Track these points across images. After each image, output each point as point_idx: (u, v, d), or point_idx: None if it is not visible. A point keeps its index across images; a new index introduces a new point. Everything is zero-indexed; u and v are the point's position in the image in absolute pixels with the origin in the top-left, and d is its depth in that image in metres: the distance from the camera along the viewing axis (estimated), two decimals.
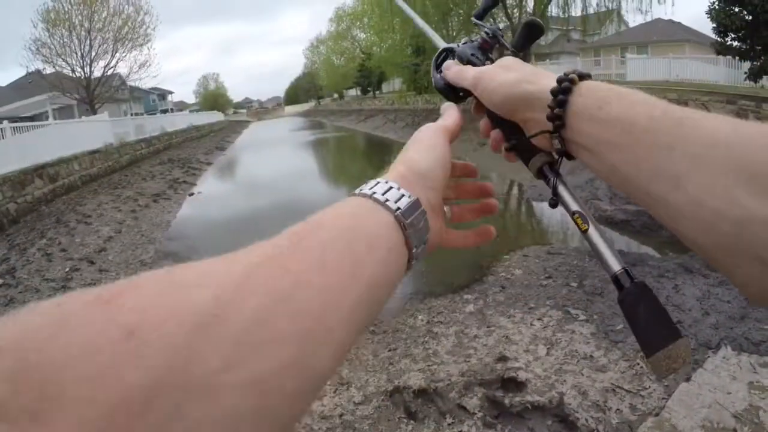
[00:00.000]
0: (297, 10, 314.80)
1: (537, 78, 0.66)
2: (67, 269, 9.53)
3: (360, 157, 28.96)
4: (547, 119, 0.62)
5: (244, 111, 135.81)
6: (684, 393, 4.09)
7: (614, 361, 4.83)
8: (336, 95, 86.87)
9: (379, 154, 29.27)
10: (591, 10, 24.65)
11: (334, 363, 0.41)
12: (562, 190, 0.73)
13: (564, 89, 0.60)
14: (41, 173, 15.12)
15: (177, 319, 0.31)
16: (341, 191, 18.32)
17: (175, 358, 0.30)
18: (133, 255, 10.84)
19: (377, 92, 59.73)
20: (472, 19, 0.88)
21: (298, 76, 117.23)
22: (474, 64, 0.80)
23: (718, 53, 17.20)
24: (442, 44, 0.88)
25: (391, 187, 0.56)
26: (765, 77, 16.04)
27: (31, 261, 9.93)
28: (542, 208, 12.57)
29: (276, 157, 31.56)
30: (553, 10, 25.49)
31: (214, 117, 66.60)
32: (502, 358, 5.08)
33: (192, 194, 18.18)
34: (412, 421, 4.45)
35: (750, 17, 15.06)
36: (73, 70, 31.81)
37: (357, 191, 0.57)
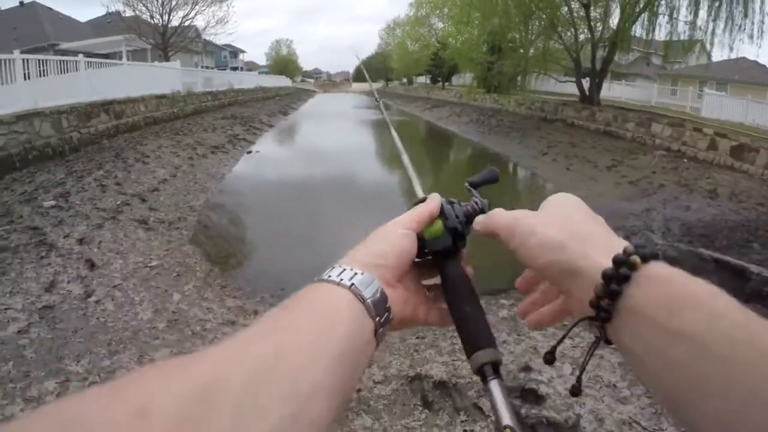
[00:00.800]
0: None
1: (586, 246, 0.56)
2: (119, 202, 9.77)
3: (418, 144, 28.73)
4: (589, 305, 0.53)
5: (312, 81, 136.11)
6: None
7: (636, 395, 4.78)
8: (405, 80, 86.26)
9: (437, 144, 29.31)
10: (675, 37, 23.75)
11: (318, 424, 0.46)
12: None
13: (620, 276, 0.49)
14: (108, 108, 15.58)
15: (182, 395, 0.38)
16: (392, 174, 18.43)
17: (183, 427, 0.36)
18: (184, 200, 11.08)
19: (447, 84, 59.06)
20: (466, 184, 0.89)
21: (371, 54, 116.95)
22: (455, 228, 0.77)
23: None
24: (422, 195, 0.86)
25: (344, 269, 0.62)
26: None
27: (86, 189, 10.19)
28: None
29: (336, 130, 31.79)
30: (638, 30, 24.58)
31: (282, 82, 66.92)
32: (527, 368, 5.08)
33: (250, 152, 18.62)
34: (426, 410, 4.49)
35: None
36: (152, 16, 32.62)
37: (316, 278, 0.63)
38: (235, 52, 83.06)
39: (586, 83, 26.45)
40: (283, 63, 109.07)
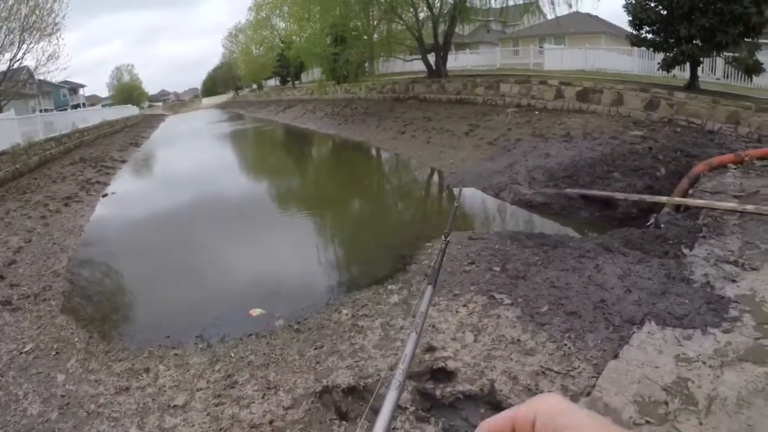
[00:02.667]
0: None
1: None
2: None
3: (278, 148, 28.86)
4: None
5: (160, 104, 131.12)
6: (613, 370, 4.23)
7: (541, 343, 4.92)
8: (255, 86, 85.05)
9: (297, 145, 29.28)
10: (511, 2, 25.05)
11: None
12: None
13: None
14: None
15: None
16: (258, 183, 18.30)
17: None
18: (45, 266, 10.17)
19: (297, 82, 58.90)
20: None
21: (216, 66, 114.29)
22: None
23: (633, 45, 17.92)
24: None
25: None
26: (677, 68, 16.84)
27: None
28: (463, 193, 12.64)
29: (192, 151, 30.93)
30: (476, 1, 25.69)
31: (129, 111, 63.74)
32: (430, 349, 5.09)
33: (106, 195, 17.47)
34: (344, 422, 4.41)
35: (665, 12, 15.76)
36: None
37: None
38: (74, 88, 78.20)
39: (432, 59, 27.09)
40: (127, 91, 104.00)
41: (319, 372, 5.07)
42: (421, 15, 26.64)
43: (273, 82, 73.76)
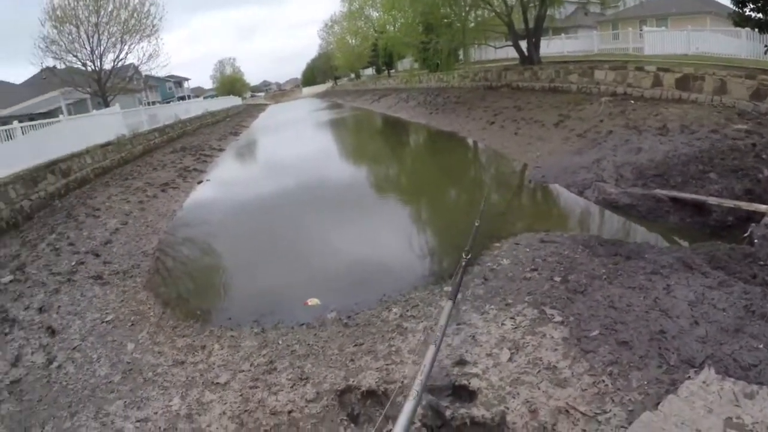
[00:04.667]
0: None
1: None
2: (73, 263, 9.68)
3: (368, 138, 28.81)
4: None
5: (262, 94, 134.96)
6: (644, 425, 3.53)
7: (578, 374, 4.39)
8: (352, 75, 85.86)
9: (389, 135, 29.17)
10: None
11: None
12: None
13: None
14: (53, 169, 15.00)
15: None
16: (344, 173, 18.25)
17: None
18: (136, 246, 10.97)
19: (392, 71, 58.80)
20: None
21: (314, 57, 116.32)
22: None
23: (736, 25, 16.36)
24: None
25: None
26: None
27: (41, 256, 10.03)
28: (543, 190, 12.04)
29: (288, 139, 31.53)
30: None
31: (231, 102, 66.16)
32: (461, 362, 4.82)
33: (201, 182, 18.22)
34: (352, 425, 4.41)
35: None
36: (84, 65, 31.46)
37: None
38: (179, 81, 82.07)
39: (524, 45, 26.14)
40: (230, 82, 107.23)
41: (350, 370, 5.12)
42: (512, 0, 25.63)
43: (369, 71, 74.64)
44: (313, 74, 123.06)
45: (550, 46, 32.78)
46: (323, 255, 9.51)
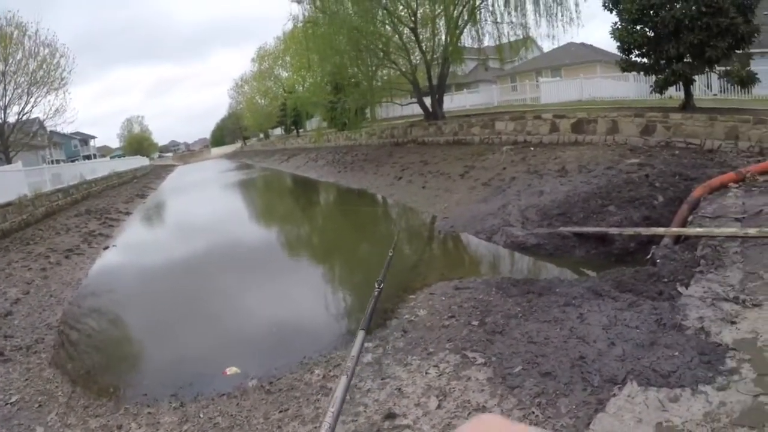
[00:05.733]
0: (226, 51, 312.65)
1: None
2: None
3: (276, 199, 28.63)
4: None
5: (170, 154, 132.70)
6: None
7: (508, 410, 4.42)
8: (261, 135, 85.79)
9: (295, 195, 29.30)
10: (504, 40, 24.86)
11: None
12: None
13: None
14: None
15: None
16: (254, 234, 18.10)
17: None
18: (40, 318, 10.26)
19: (301, 130, 59.34)
20: None
21: (224, 116, 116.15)
22: None
23: (624, 70, 17.67)
24: None
25: None
26: (672, 88, 16.61)
27: None
28: (453, 239, 12.29)
29: (197, 201, 30.86)
30: (467, 41, 25.70)
31: (138, 162, 64.35)
32: (390, 416, 4.73)
33: (107, 248, 17.33)
34: None
35: (652, 33, 15.57)
36: None
37: None
38: (85, 139, 78.65)
39: (428, 101, 27.13)
40: (137, 142, 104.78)
41: None
42: (417, 59, 26.62)
43: (278, 130, 74.49)
44: (222, 134, 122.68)
45: (454, 101, 34.09)
46: (238, 319, 9.22)
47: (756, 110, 14.11)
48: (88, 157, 65.57)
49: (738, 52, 14.91)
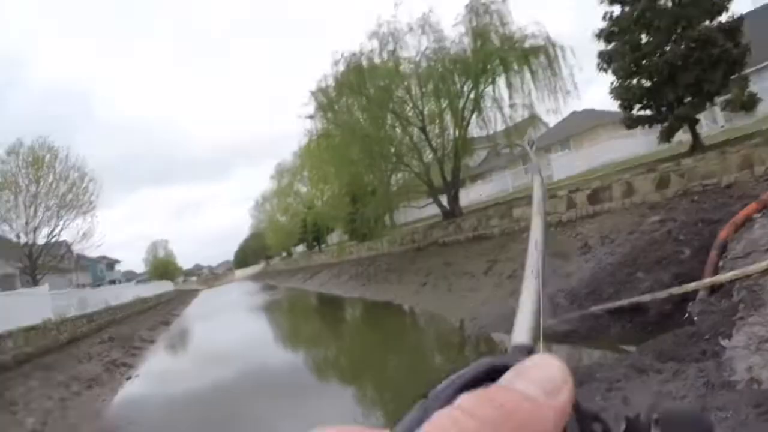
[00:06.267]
0: (247, 169, 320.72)
1: None
2: None
3: (302, 319, 28.17)
4: None
5: (195, 278, 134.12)
6: None
7: None
8: (284, 253, 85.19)
9: (324, 312, 28.96)
10: (509, 123, 25.18)
11: None
12: None
13: None
14: None
15: None
16: (290, 356, 17.82)
17: None
18: None
19: (323, 245, 59.27)
20: None
21: (246, 237, 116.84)
22: None
23: (629, 127, 18.07)
24: None
25: None
26: (679, 133, 16.86)
27: None
28: (485, 341, 11.97)
29: (223, 328, 30.26)
30: (475, 131, 26.22)
31: (163, 287, 64.81)
32: None
33: (129, 378, 16.93)
34: None
35: (649, 83, 15.87)
36: (17, 236, 30.26)
37: None
38: (111, 264, 79.36)
39: (445, 199, 27.14)
40: (162, 266, 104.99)
41: None
42: (428, 158, 26.96)
43: (301, 247, 74.18)
44: (245, 255, 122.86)
45: (470, 195, 34.24)
46: None
47: (765, 130, 14.07)
48: (113, 282, 66.08)
49: (734, 77, 15.04)
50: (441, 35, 24.67)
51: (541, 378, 0.38)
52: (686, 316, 7.27)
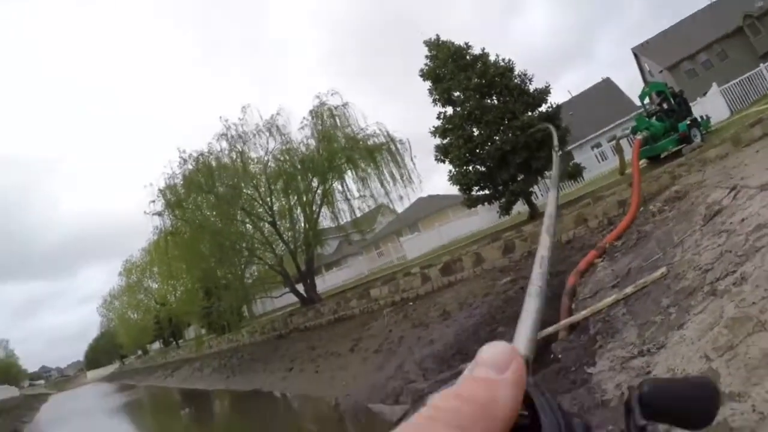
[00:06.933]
0: (94, 266, 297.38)
1: None
2: None
3: (169, 417, 26.15)
4: None
5: (42, 382, 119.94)
6: None
7: None
8: (140, 351, 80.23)
9: (185, 411, 26.50)
10: (358, 213, 26.55)
11: None
12: None
13: None
14: None
15: None
16: None
17: None
18: None
19: (180, 341, 56.36)
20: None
21: (96, 336, 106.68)
22: None
23: (469, 207, 19.17)
24: None
25: None
26: (517, 205, 18.53)
27: None
28: (362, 413, 11.79)
29: None
30: (326, 222, 27.11)
31: (4, 393, 57.34)
32: None
33: None
34: None
35: (483, 168, 17.49)
36: None
37: None
38: None
39: (302, 288, 27.21)
40: (3, 369, 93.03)
41: None
42: (281, 250, 26.94)
43: (157, 344, 70.05)
44: (96, 355, 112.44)
45: (327, 281, 34.32)
46: None
47: (592, 191, 15.89)
48: None
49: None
50: (288, 137, 25.77)
51: (492, 360, 0.44)
52: (551, 356, 7.68)
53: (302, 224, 26.46)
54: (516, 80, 17.76)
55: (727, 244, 6.20)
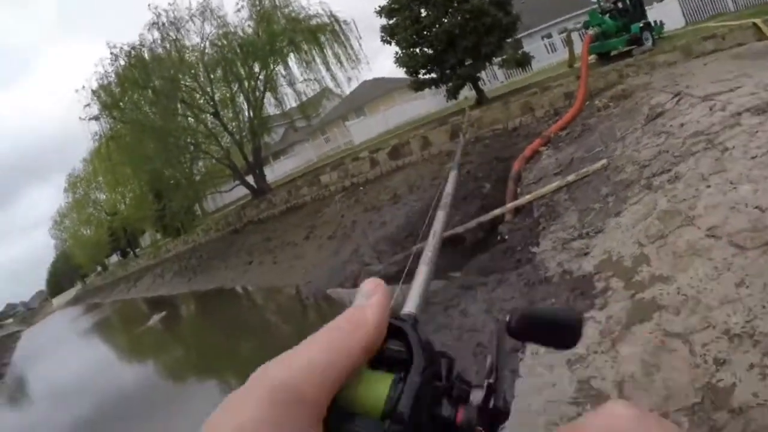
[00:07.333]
0: (36, 186, 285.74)
1: None
2: None
3: (137, 326, 25.18)
4: None
5: (11, 320, 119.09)
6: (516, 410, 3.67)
7: None
8: (99, 268, 77.50)
9: (151, 317, 26.93)
10: (303, 98, 26.28)
11: None
12: None
13: None
14: None
15: None
16: (137, 369, 16.68)
17: None
18: None
19: (137, 250, 55.47)
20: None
21: (53, 260, 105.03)
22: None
23: (416, 90, 18.99)
24: None
25: None
26: (465, 90, 18.44)
27: None
28: (324, 298, 12.26)
29: (64, 361, 27.14)
30: (270, 109, 26.73)
31: None
32: None
33: None
34: None
35: (431, 50, 17.12)
36: None
37: None
38: None
39: (252, 179, 26.94)
40: None
41: None
42: (227, 142, 26.45)
43: (115, 257, 68.68)
44: (58, 280, 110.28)
45: (275, 171, 34.08)
46: None
47: (540, 81, 16.20)
48: None
49: (508, 41, 17.05)
50: (224, 21, 24.46)
51: (364, 290, 0.53)
52: (498, 237, 8.24)
53: (246, 113, 25.82)
54: None
55: (665, 144, 6.63)
